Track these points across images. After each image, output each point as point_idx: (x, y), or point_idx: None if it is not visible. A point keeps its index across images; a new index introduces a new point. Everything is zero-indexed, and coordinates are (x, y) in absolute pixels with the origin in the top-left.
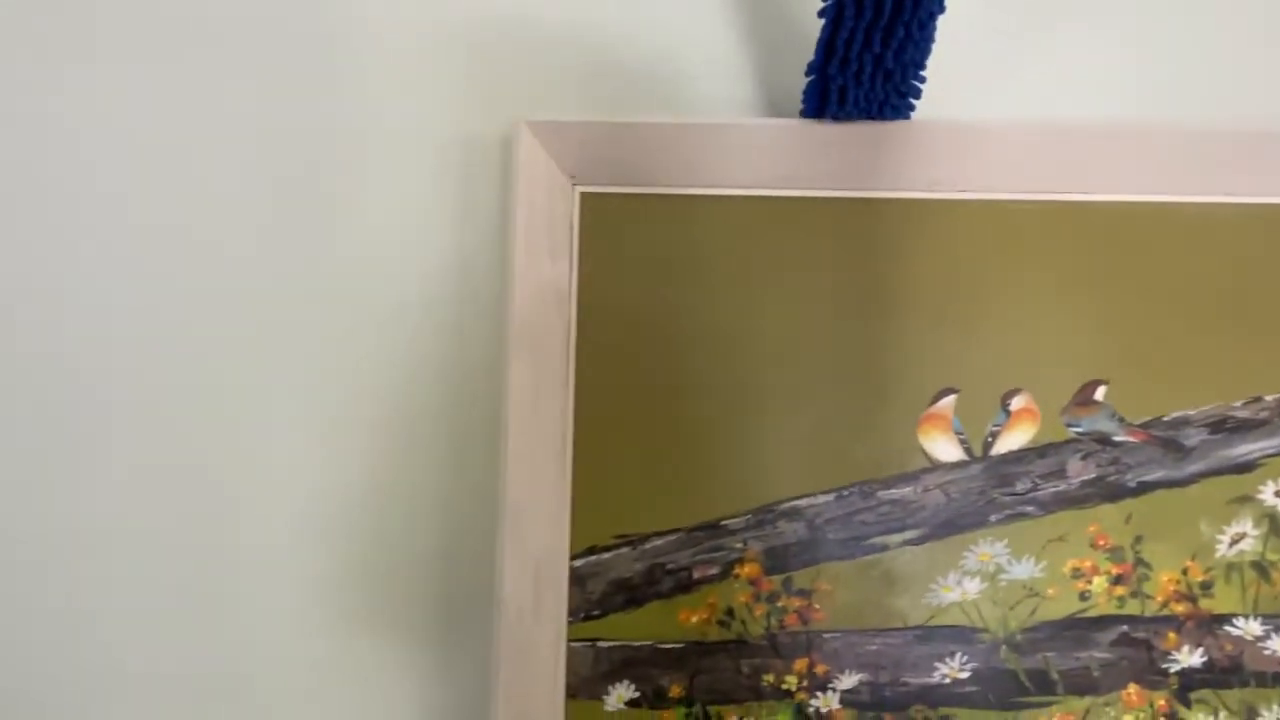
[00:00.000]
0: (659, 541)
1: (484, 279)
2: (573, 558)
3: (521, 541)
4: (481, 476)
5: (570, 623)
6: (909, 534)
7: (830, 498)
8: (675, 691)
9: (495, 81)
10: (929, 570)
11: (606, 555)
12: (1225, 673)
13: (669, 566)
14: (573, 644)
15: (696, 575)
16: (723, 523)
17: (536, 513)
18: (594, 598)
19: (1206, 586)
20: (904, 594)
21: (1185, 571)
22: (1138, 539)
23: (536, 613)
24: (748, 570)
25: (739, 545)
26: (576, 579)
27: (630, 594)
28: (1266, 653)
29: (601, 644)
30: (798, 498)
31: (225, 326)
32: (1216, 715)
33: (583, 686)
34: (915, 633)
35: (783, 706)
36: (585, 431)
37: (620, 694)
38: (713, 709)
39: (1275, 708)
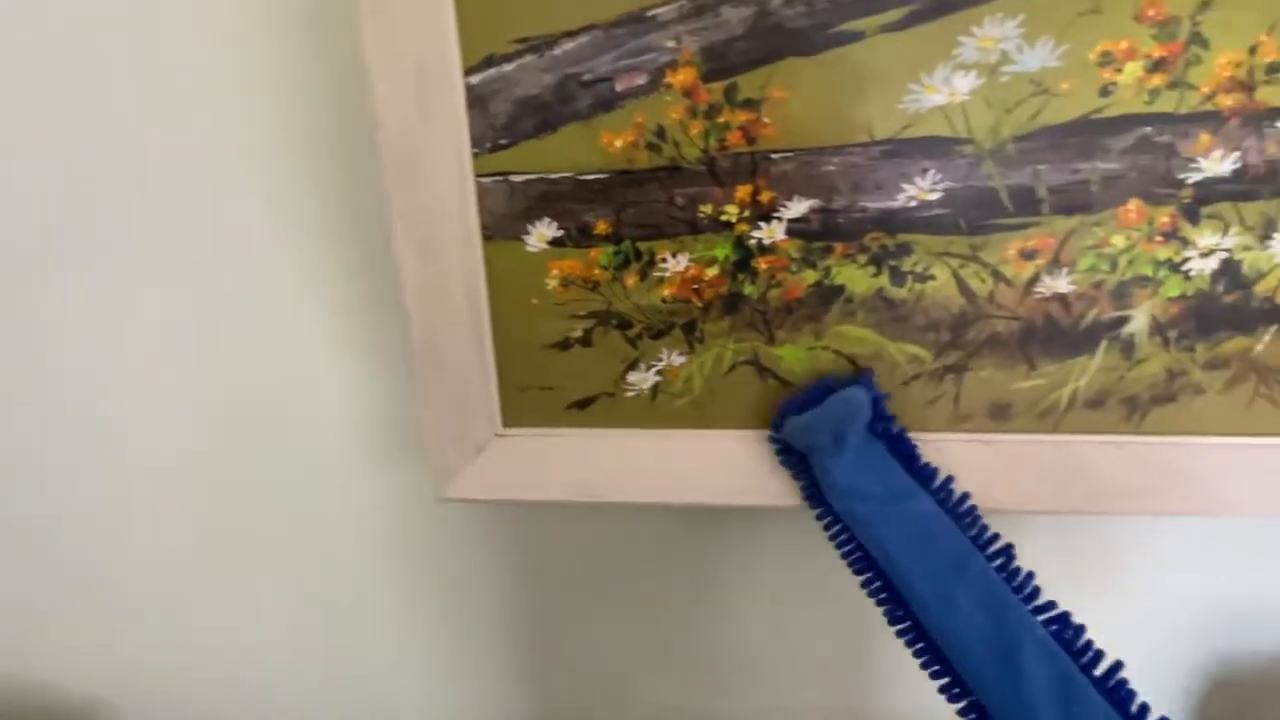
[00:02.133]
0: (570, 45)
1: None
2: (467, 71)
3: (391, 47)
4: None
5: (476, 154)
6: (890, 14)
7: None
8: (601, 227)
9: None
10: (912, 65)
11: (508, 67)
12: (1257, 181)
13: (585, 78)
14: (482, 179)
15: (620, 87)
16: (649, 12)
17: (407, 8)
18: (499, 122)
19: (1275, 69)
20: (875, 98)
21: (1254, 49)
22: (1203, 4)
23: (427, 137)
24: (681, 77)
25: (670, 44)
26: (476, 100)
27: (542, 115)
28: None
29: (515, 178)
30: None
31: None
32: (1226, 230)
33: (498, 225)
34: (883, 147)
35: (721, 239)
36: None
37: (541, 232)
38: (643, 245)
39: None
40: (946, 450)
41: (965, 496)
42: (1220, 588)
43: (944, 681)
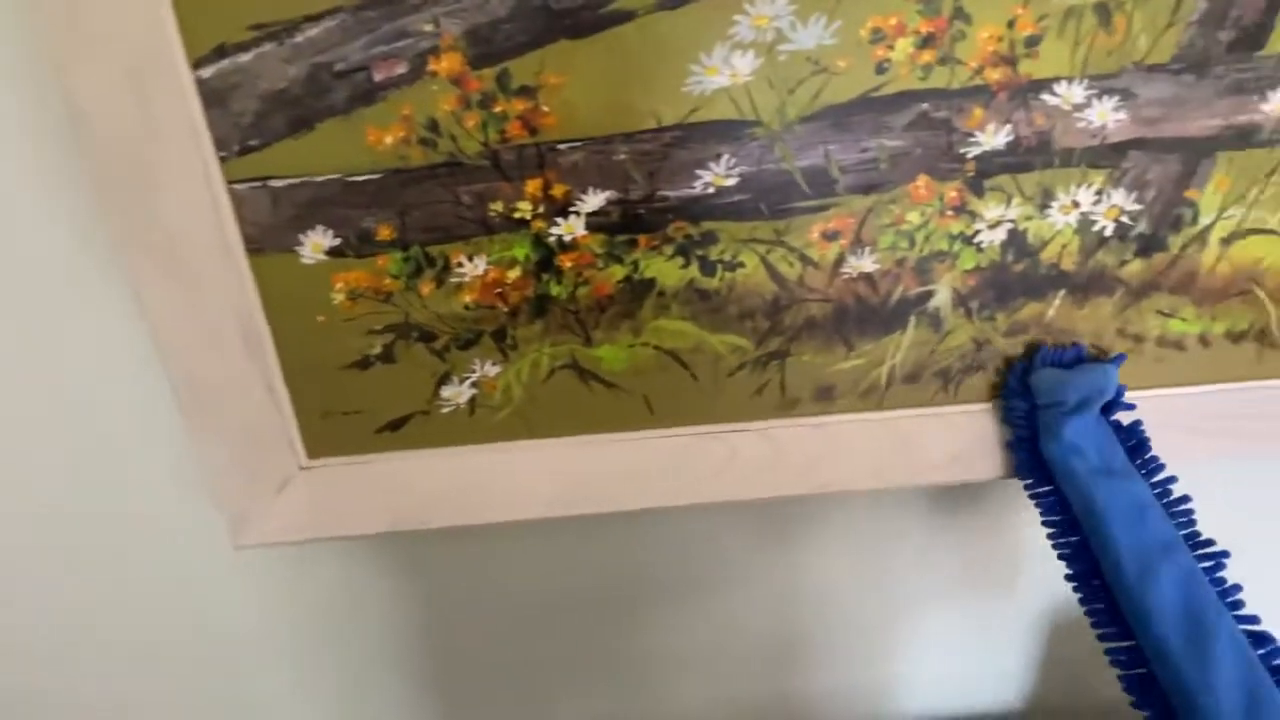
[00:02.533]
0: (314, 31)
1: None
2: (195, 63)
3: (89, 31)
4: None
5: (224, 159)
6: None
7: None
8: (384, 233)
9: None
10: (689, 45)
11: (244, 57)
12: (1030, 153)
13: (338, 67)
14: (236, 186)
15: (378, 77)
16: None
17: None
18: (246, 121)
19: (1033, 43)
20: (657, 82)
21: (1012, 23)
22: None
23: (153, 140)
24: (446, 65)
25: (429, 27)
26: (212, 96)
27: (294, 111)
28: (1080, 125)
29: (275, 183)
30: None
31: None
32: (1009, 202)
33: (265, 237)
34: (673, 134)
35: (518, 239)
36: None
37: (316, 242)
38: (434, 249)
39: (1073, 188)
40: (778, 437)
41: (1185, 498)
42: None
43: (1119, 646)
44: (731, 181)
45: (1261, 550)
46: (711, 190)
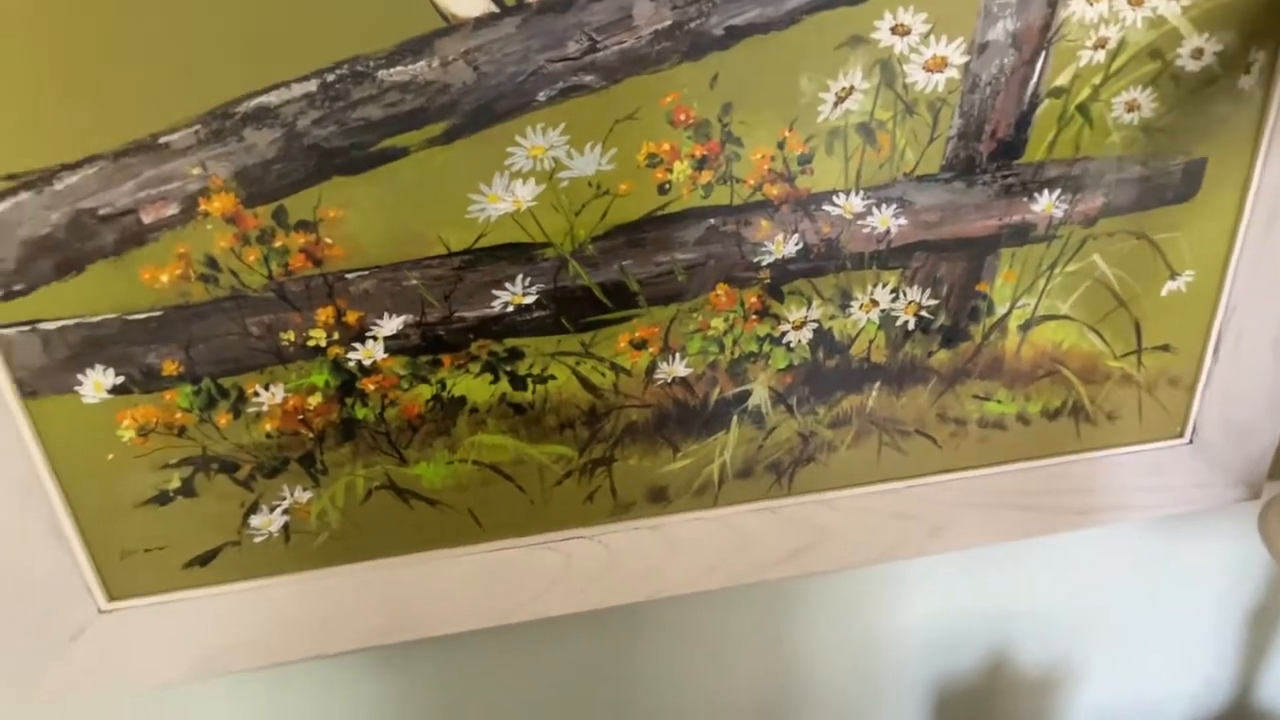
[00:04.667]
0: (73, 178)
1: None
2: None
3: None
4: None
5: None
6: (431, 129)
7: (310, 86)
8: (170, 368)
9: None
10: (467, 176)
11: (1, 206)
12: (821, 259)
13: (103, 212)
14: (3, 331)
15: (148, 220)
16: (161, 139)
17: None
18: (8, 267)
19: (805, 161)
20: (439, 211)
21: (782, 144)
22: (726, 108)
23: None
24: (219, 205)
25: (196, 171)
26: None
27: (60, 254)
28: (866, 230)
29: (45, 325)
30: (263, 92)
31: None
32: (809, 305)
33: (40, 380)
34: (462, 258)
35: (316, 365)
36: None
37: (97, 381)
38: (227, 380)
39: (870, 288)
40: (613, 543)
41: None
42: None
43: None
44: (530, 299)
45: (1095, 621)
46: (511, 308)
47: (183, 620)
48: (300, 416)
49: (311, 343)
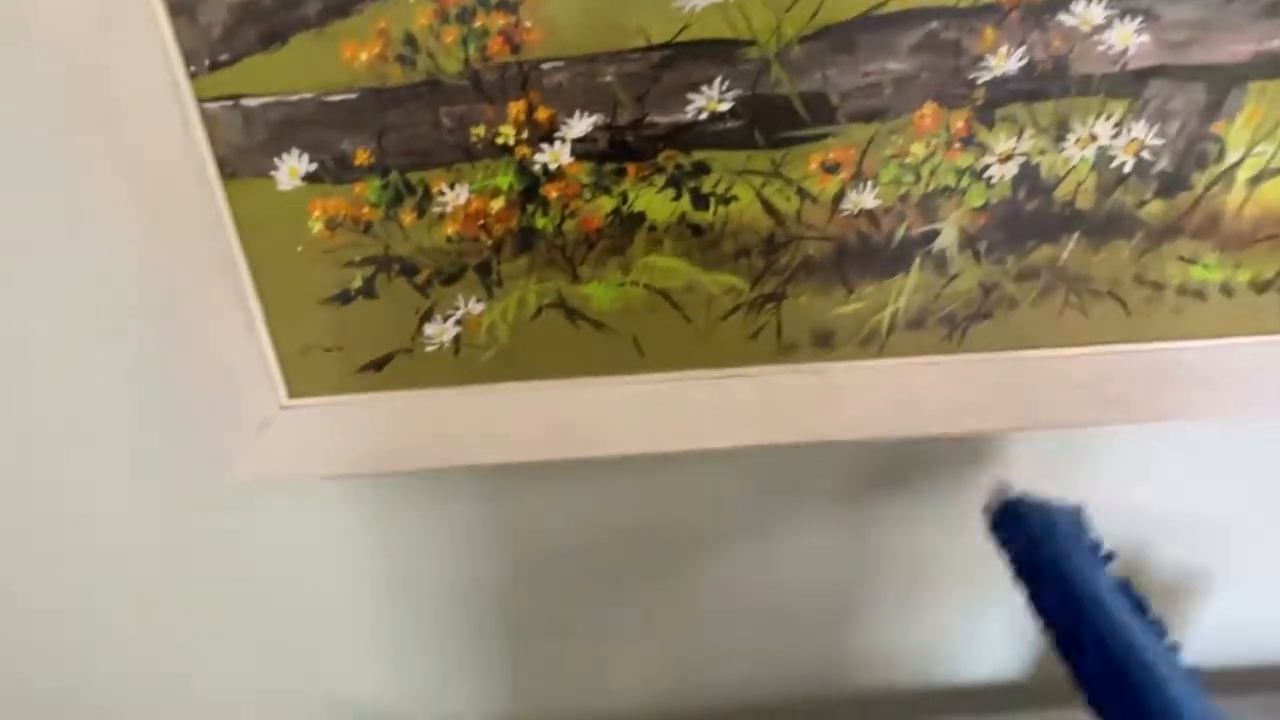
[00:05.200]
0: None
1: None
2: None
3: None
4: None
5: (194, 74)
6: None
7: None
8: (362, 157)
9: None
10: None
11: None
12: (1044, 79)
13: None
14: (207, 104)
15: None
16: None
17: None
18: (215, 34)
19: None
20: None
21: None
22: None
23: (113, 51)
24: None
25: None
26: (180, 5)
27: (265, 23)
28: (1100, 48)
29: (248, 101)
30: None
31: None
32: (1021, 133)
33: (239, 161)
34: (661, 53)
35: (501, 166)
36: None
37: (292, 166)
38: (414, 176)
39: (1091, 120)
40: (774, 384)
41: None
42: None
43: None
44: (725, 107)
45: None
46: (704, 116)
47: (355, 421)
48: (481, 221)
49: (500, 140)
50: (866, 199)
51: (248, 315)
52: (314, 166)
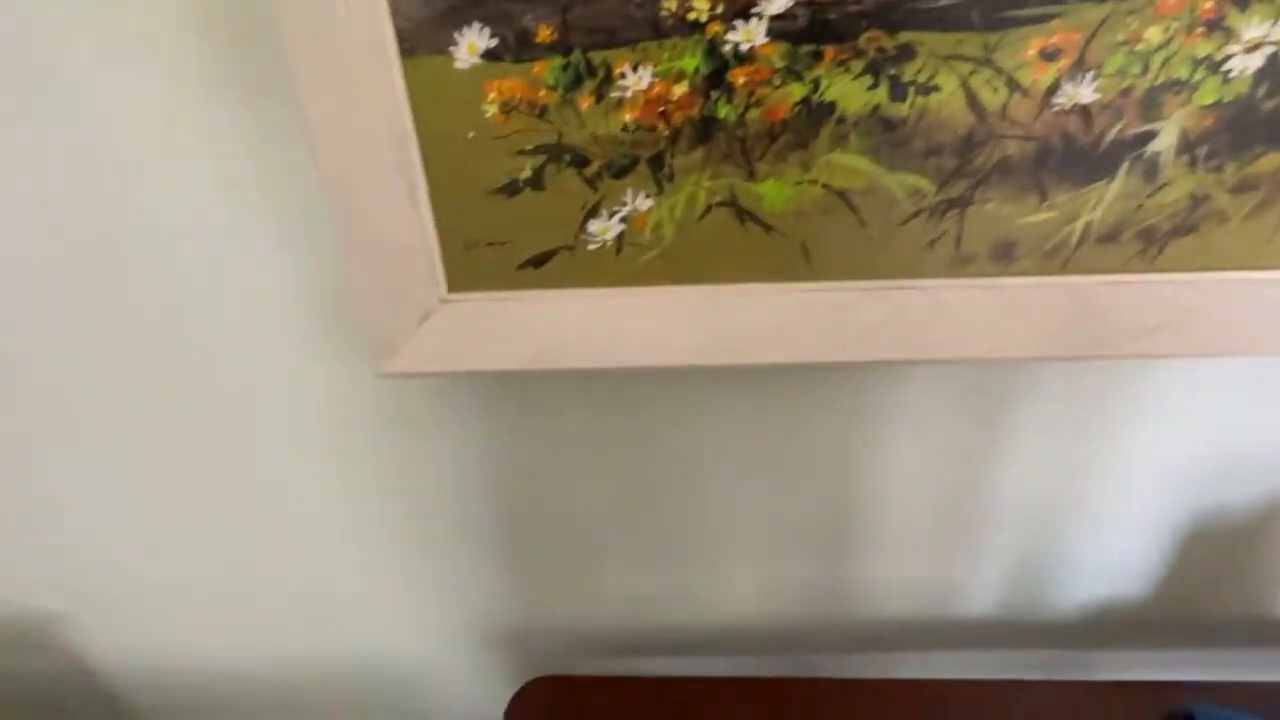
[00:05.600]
0: None
1: None
2: None
3: None
4: None
5: None
6: None
7: None
8: (544, 34)
9: None
10: None
11: None
12: None
13: None
14: None
15: None
16: None
17: None
18: None
19: None
20: None
21: None
22: None
23: None
24: None
25: None
26: None
27: None
28: None
29: None
30: None
31: None
32: (1277, 20)
33: (419, 35)
34: None
35: (690, 45)
36: None
37: (472, 43)
38: (597, 56)
39: None
40: (946, 299)
41: None
42: (1204, 437)
43: None
44: None
45: None
46: None
47: (512, 318)
48: (661, 108)
49: (692, 15)
50: (1084, 92)
51: (417, 203)
52: (494, 42)
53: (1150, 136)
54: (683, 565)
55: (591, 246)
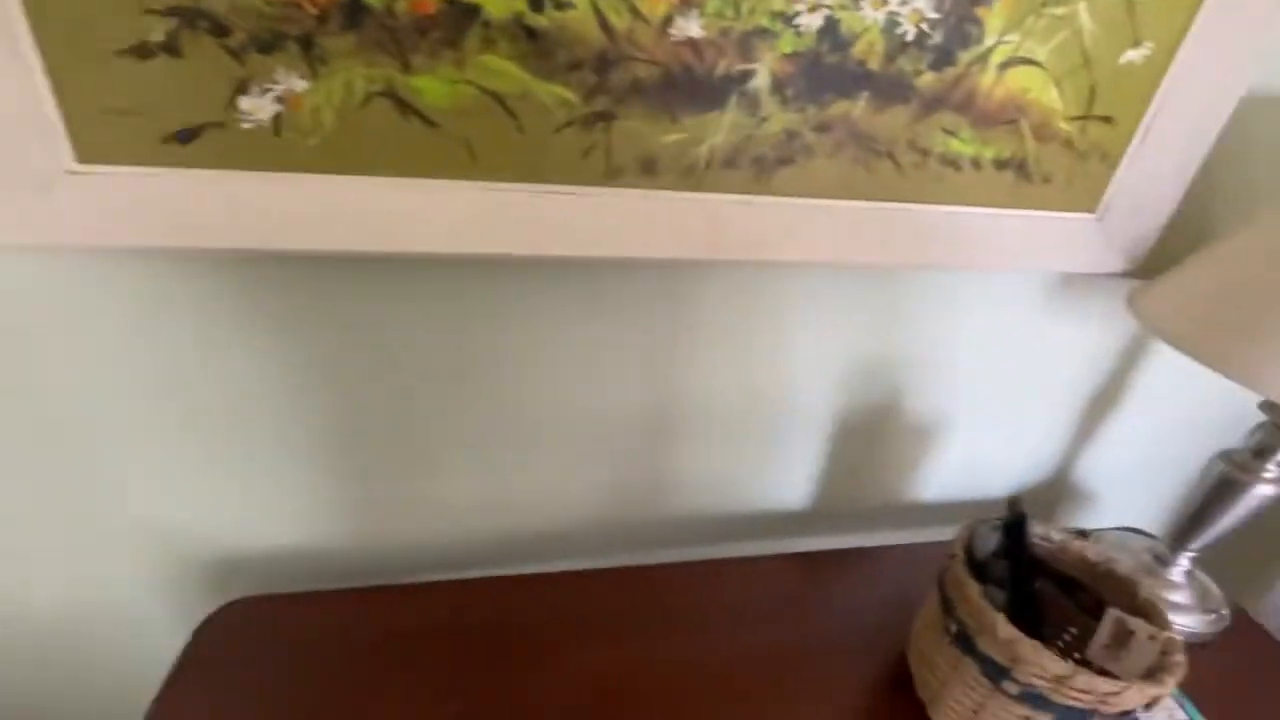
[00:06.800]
0: None
1: None
2: None
3: None
4: None
5: None
6: None
7: None
8: None
9: None
10: None
11: None
12: None
13: None
14: None
15: None
16: None
17: None
18: None
19: None
20: None
21: None
22: None
23: None
24: None
25: None
26: None
27: None
28: None
29: None
30: None
31: None
32: None
33: None
34: None
35: None
36: None
37: None
38: None
39: None
40: (599, 205)
41: None
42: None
43: None
44: None
45: (969, 382)
46: None
47: (160, 194)
48: None
49: None
50: (692, 27)
51: (19, 56)
52: None
53: (750, 74)
54: (506, 462)
55: (246, 125)
